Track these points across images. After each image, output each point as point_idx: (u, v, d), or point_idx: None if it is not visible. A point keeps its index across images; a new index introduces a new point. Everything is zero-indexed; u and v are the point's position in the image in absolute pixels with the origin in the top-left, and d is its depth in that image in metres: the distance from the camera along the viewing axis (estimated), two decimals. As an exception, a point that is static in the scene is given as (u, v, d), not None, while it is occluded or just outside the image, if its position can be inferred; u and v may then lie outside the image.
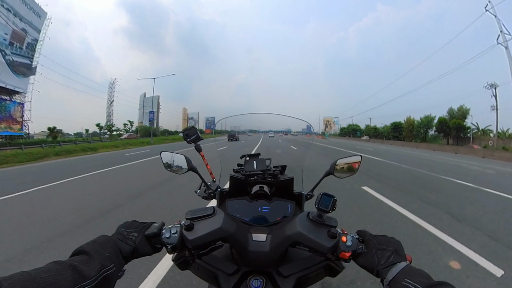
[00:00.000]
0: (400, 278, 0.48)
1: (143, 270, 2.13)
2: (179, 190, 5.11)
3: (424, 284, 0.45)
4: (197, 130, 1.10)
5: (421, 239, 2.94)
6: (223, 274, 0.68)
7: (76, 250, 0.50)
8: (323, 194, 0.66)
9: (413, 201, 4.56)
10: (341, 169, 0.94)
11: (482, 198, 5.00)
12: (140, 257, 0.60)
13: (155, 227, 0.62)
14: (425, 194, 5.13)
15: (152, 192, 5.04)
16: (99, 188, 5.68)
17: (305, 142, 11.64)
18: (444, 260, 2.47)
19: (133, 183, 6.21)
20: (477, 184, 6.36)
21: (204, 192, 1.04)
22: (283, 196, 0.95)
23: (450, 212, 3.92)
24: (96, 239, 0.54)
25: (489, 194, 5.43)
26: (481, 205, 4.46)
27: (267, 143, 9.90)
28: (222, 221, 0.63)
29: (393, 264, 0.52)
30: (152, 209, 3.99)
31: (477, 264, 2.39)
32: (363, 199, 4.66)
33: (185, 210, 0.68)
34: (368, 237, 0.61)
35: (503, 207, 4.38)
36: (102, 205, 4.17)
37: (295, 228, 0.63)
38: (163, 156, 0.96)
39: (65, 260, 0.45)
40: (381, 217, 3.66)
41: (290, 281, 0.66)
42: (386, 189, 5.39)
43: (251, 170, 0.93)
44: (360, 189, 5.32)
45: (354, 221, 3.49)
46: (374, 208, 4.11)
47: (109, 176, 7.33)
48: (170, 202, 4.40)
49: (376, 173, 7.48)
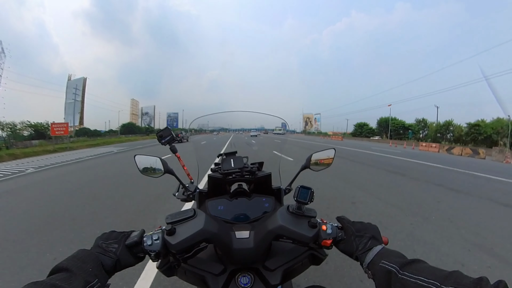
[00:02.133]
0: (377, 261, 0.52)
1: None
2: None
3: (399, 263, 0.48)
4: (171, 131, 1.08)
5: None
6: (210, 275, 0.68)
7: (55, 268, 0.46)
8: (300, 187, 0.68)
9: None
10: (316, 162, 0.98)
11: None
12: (123, 269, 0.57)
13: (135, 236, 0.60)
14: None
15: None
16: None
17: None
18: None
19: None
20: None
21: (183, 194, 1.03)
22: (262, 192, 0.96)
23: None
24: (75, 254, 0.51)
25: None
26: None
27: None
28: (204, 222, 0.62)
29: (370, 248, 0.56)
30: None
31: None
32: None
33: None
34: (346, 224, 0.65)
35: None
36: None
37: (277, 221, 0.65)
38: (137, 160, 0.93)
39: (44, 280, 0.42)
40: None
41: (277, 274, 0.68)
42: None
43: (228, 168, 0.92)
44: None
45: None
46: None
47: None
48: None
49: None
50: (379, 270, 0.50)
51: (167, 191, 4.53)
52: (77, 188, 5.42)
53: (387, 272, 0.48)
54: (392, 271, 0.47)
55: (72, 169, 8.45)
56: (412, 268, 0.46)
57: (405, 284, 0.44)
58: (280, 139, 13.73)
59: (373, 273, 0.52)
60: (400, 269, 0.47)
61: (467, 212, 3.76)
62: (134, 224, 3.28)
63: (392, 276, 0.47)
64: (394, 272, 0.47)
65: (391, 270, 0.48)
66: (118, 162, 10.18)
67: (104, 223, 3.33)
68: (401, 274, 0.46)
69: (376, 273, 0.51)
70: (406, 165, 9.21)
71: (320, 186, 5.18)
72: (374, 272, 0.52)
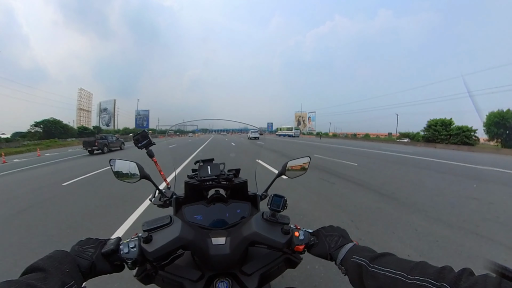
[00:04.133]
0: (349, 256, 0.55)
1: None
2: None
3: (369, 257, 0.51)
4: (148, 135, 1.06)
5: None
6: (188, 281, 0.68)
7: (30, 268, 0.44)
8: (274, 195, 0.71)
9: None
10: (292, 169, 1.02)
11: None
12: (99, 275, 0.56)
13: (111, 244, 0.59)
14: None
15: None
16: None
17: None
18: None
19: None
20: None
21: (159, 200, 1.01)
22: (239, 198, 0.97)
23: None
24: (52, 254, 0.49)
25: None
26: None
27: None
28: (180, 229, 0.63)
29: (342, 246, 0.60)
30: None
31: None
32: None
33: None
34: (317, 229, 0.69)
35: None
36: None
37: (252, 228, 0.67)
38: (113, 164, 0.90)
39: (19, 279, 0.40)
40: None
41: (254, 278, 0.70)
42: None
43: (205, 175, 0.93)
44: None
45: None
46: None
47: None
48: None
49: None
50: (351, 265, 0.53)
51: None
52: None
53: (358, 266, 0.51)
54: (363, 265, 0.50)
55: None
56: (381, 261, 0.49)
57: (375, 276, 0.46)
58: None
59: (346, 268, 0.55)
60: (370, 262, 0.49)
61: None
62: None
63: (363, 270, 0.49)
64: (365, 265, 0.49)
65: (362, 264, 0.50)
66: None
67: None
68: (371, 267, 0.48)
69: (348, 268, 0.54)
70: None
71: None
72: (346, 267, 0.55)
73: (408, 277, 0.42)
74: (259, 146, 11.08)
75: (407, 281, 0.42)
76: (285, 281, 2.00)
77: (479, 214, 3.78)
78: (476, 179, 6.61)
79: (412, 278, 0.42)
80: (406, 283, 0.42)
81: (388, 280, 0.44)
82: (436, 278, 0.39)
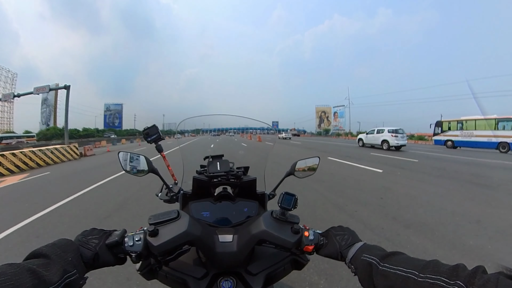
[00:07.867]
0: (359, 255, 0.54)
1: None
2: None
3: (379, 255, 0.50)
4: (158, 129, 1.05)
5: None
6: (192, 279, 0.67)
7: (33, 253, 0.44)
8: (285, 193, 0.69)
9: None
10: (301, 169, 1.00)
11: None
12: (102, 266, 0.55)
13: (116, 235, 0.58)
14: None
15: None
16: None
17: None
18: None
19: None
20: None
21: (166, 195, 1.00)
22: (247, 196, 0.96)
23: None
24: (56, 242, 0.49)
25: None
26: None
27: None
28: (187, 224, 0.61)
29: (352, 244, 0.58)
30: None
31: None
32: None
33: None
34: (326, 230, 0.67)
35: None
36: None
37: (261, 226, 0.65)
38: (121, 157, 0.90)
39: (21, 263, 0.40)
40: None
41: (259, 278, 0.68)
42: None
43: (214, 171, 0.92)
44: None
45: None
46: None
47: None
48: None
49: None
50: (361, 263, 0.52)
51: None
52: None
53: (368, 265, 0.50)
54: (373, 263, 0.49)
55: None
56: (391, 259, 0.48)
57: (385, 275, 0.46)
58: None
59: (355, 267, 0.54)
60: (380, 261, 0.49)
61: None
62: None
63: (373, 269, 0.49)
64: (375, 264, 0.49)
65: (372, 262, 0.49)
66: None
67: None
68: (381, 266, 0.48)
69: (358, 267, 0.53)
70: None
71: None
72: (356, 266, 0.54)
73: (420, 275, 0.41)
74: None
75: (419, 279, 0.41)
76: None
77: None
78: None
79: (424, 276, 0.40)
80: (418, 282, 0.40)
81: (399, 279, 0.43)
82: (449, 276, 0.38)
